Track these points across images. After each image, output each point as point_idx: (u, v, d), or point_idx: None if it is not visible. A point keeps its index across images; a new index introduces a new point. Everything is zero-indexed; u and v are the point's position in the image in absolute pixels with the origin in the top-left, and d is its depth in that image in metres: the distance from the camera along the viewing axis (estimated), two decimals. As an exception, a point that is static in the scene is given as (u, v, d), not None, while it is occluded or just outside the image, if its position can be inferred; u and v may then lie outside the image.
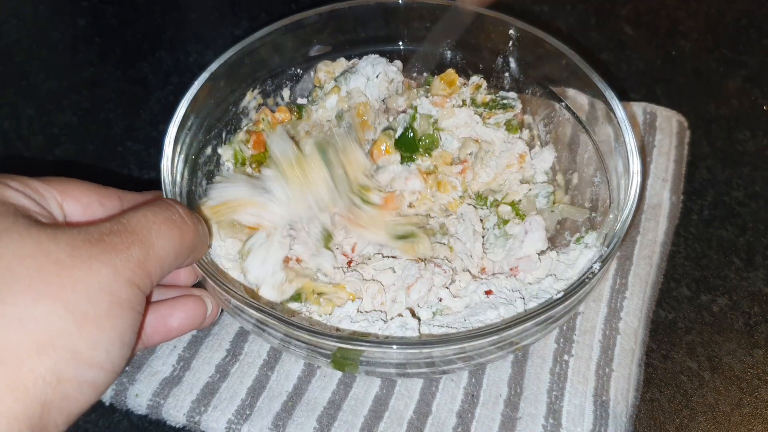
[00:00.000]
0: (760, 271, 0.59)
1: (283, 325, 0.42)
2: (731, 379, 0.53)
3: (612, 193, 0.51)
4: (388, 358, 0.44)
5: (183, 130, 0.52)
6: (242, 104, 0.59)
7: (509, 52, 0.59)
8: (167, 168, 0.49)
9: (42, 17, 0.83)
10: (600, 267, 0.45)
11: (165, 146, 0.50)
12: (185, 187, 0.51)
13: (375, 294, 0.50)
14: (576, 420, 0.48)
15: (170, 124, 0.51)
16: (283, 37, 0.59)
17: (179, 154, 0.51)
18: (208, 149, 0.56)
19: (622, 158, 0.50)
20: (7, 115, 0.72)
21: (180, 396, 0.49)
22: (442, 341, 0.43)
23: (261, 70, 0.60)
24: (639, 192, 0.48)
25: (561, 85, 0.56)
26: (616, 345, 0.52)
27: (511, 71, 0.60)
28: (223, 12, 0.84)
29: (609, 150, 0.52)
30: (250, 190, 0.51)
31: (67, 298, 0.33)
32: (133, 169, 0.67)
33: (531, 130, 0.60)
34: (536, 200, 0.56)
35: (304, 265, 0.51)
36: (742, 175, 0.66)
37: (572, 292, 0.44)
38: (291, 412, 0.49)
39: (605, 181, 0.53)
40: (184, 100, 0.52)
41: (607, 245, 0.46)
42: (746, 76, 0.75)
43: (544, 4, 0.83)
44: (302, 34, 0.60)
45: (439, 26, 0.60)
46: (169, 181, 0.49)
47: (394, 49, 0.63)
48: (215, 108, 0.56)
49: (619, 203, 0.49)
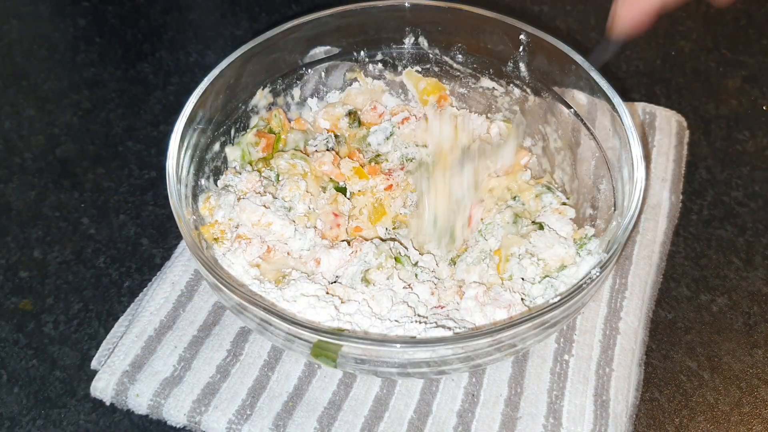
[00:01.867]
0: (759, 271, 0.59)
1: (263, 311, 0.43)
2: (731, 379, 0.53)
3: (617, 201, 0.51)
4: (368, 356, 0.44)
5: (191, 125, 0.52)
6: (252, 102, 0.59)
7: (519, 56, 0.58)
8: (173, 164, 0.49)
9: (42, 17, 0.83)
10: (599, 273, 0.45)
11: (171, 140, 0.50)
12: (191, 180, 0.52)
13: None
14: (576, 419, 0.49)
15: (179, 117, 0.51)
16: (296, 36, 0.59)
17: (186, 149, 0.51)
18: (216, 145, 0.56)
19: (628, 166, 0.49)
20: (8, 115, 0.72)
21: (181, 396, 0.49)
22: (426, 342, 0.43)
23: (273, 68, 0.59)
24: (642, 200, 0.47)
25: (567, 87, 0.56)
26: (616, 345, 0.52)
27: (519, 75, 0.59)
28: (223, 12, 0.84)
29: (615, 157, 0.52)
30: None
31: None
32: (133, 169, 0.67)
33: (545, 140, 0.60)
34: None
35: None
36: (741, 175, 0.66)
37: (569, 297, 0.44)
38: (291, 412, 0.49)
39: (611, 189, 0.53)
40: (193, 95, 0.52)
41: (608, 252, 0.46)
42: (746, 76, 0.75)
43: (544, 4, 0.83)
44: (314, 34, 0.60)
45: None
46: (173, 174, 0.49)
47: (401, 51, 0.63)
48: (225, 104, 0.56)
49: (623, 210, 0.49)
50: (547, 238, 0.52)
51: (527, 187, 0.57)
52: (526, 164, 0.59)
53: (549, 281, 0.51)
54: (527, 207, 0.56)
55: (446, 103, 0.63)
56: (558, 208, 0.55)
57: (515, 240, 0.53)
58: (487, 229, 0.55)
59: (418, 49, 0.62)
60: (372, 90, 0.65)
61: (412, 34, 0.62)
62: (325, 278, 0.52)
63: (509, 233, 0.54)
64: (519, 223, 0.54)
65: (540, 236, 0.53)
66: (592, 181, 0.55)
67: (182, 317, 0.54)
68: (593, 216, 0.54)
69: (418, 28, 0.61)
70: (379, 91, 0.65)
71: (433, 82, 0.64)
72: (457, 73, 0.63)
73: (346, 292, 0.50)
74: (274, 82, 0.60)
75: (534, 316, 0.43)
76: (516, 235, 0.54)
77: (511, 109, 0.61)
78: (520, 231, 0.54)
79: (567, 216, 0.55)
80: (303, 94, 0.63)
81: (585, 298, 0.46)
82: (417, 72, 0.64)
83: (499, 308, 0.48)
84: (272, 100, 0.61)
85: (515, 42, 0.57)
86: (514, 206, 0.56)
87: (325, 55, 0.62)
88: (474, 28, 0.59)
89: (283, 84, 0.61)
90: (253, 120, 0.60)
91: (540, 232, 0.53)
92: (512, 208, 0.55)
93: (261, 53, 0.57)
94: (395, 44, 0.62)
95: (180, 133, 0.51)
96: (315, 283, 0.50)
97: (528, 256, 0.52)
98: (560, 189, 0.58)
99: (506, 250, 0.52)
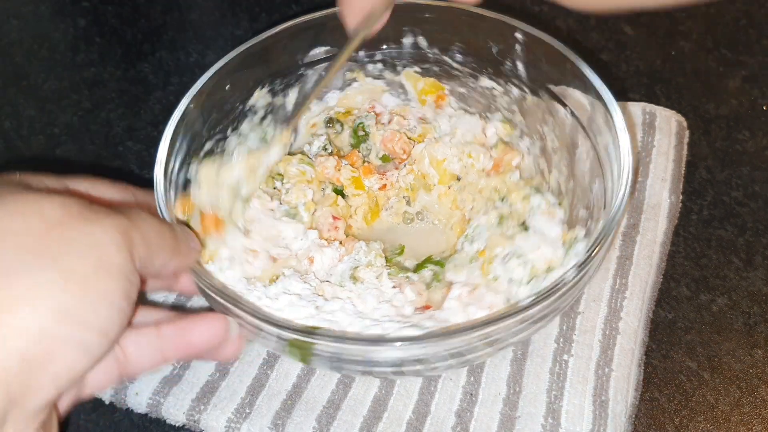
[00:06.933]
0: (759, 271, 0.59)
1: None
2: (731, 379, 0.53)
3: (607, 201, 0.50)
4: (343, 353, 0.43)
5: (184, 121, 0.51)
6: (249, 102, 0.59)
7: (517, 55, 0.58)
8: (163, 155, 0.49)
9: (42, 17, 0.83)
10: (575, 274, 0.43)
11: (164, 134, 0.50)
12: (182, 176, 0.51)
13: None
14: (575, 419, 0.49)
15: (173, 115, 0.51)
16: (295, 36, 0.59)
17: (178, 147, 0.51)
18: (208, 144, 0.56)
19: (618, 166, 0.48)
20: (8, 115, 0.72)
21: (180, 395, 0.49)
22: (388, 340, 0.42)
23: (271, 68, 0.59)
24: (625, 203, 0.46)
25: (564, 86, 0.56)
26: (615, 345, 0.52)
27: (517, 74, 0.59)
28: (223, 12, 0.84)
29: (607, 157, 0.51)
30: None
31: (55, 253, 0.33)
32: (133, 169, 0.67)
33: (543, 140, 0.60)
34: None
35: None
36: (741, 175, 0.66)
37: (542, 299, 0.42)
38: (290, 411, 0.49)
39: (603, 189, 0.51)
40: (190, 91, 0.52)
41: (586, 254, 0.44)
42: (746, 76, 0.75)
43: (543, 4, 0.83)
44: (314, 34, 0.60)
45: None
46: (161, 165, 0.49)
47: (401, 51, 0.63)
48: (221, 105, 0.56)
49: (610, 211, 0.47)
50: (532, 240, 0.52)
51: (516, 188, 0.57)
52: (517, 165, 0.59)
53: (536, 283, 0.50)
54: (515, 209, 0.56)
55: (444, 102, 0.63)
56: (547, 210, 0.55)
57: (500, 241, 0.52)
58: (474, 232, 0.54)
59: (417, 49, 0.62)
60: (372, 89, 0.65)
61: (411, 34, 0.62)
62: (317, 277, 0.52)
63: (494, 234, 0.53)
64: (504, 224, 0.54)
65: (525, 238, 0.52)
66: (587, 181, 0.54)
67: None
68: (586, 217, 0.54)
69: (416, 28, 0.61)
70: (379, 91, 0.65)
71: (431, 81, 0.63)
72: (457, 73, 0.63)
73: (333, 290, 0.50)
74: (272, 82, 0.60)
75: (487, 323, 0.41)
76: (501, 236, 0.53)
77: (510, 108, 0.61)
78: (506, 233, 0.53)
79: (556, 218, 0.54)
80: (300, 96, 0.63)
81: (560, 301, 0.44)
82: (416, 72, 0.64)
83: (482, 309, 0.48)
84: (270, 101, 0.60)
85: (513, 41, 0.57)
86: (501, 208, 0.55)
87: (325, 55, 0.62)
88: (472, 27, 0.59)
89: (281, 84, 0.61)
90: (248, 118, 0.59)
91: (525, 234, 0.53)
92: (498, 209, 0.55)
93: (259, 53, 0.57)
94: (394, 44, 0.62)
95: (170, 135, 0.50)
96: (305, 282, 0.50)
97: (514, 257, 0.51)
98: (554, 190, 0.58)
99: (490, 251, 0.52)
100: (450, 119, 0.62)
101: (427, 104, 0.64)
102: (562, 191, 0.58)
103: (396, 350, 0.42)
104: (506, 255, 0.51)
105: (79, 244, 0.34)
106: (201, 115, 0.54)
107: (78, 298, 0.33)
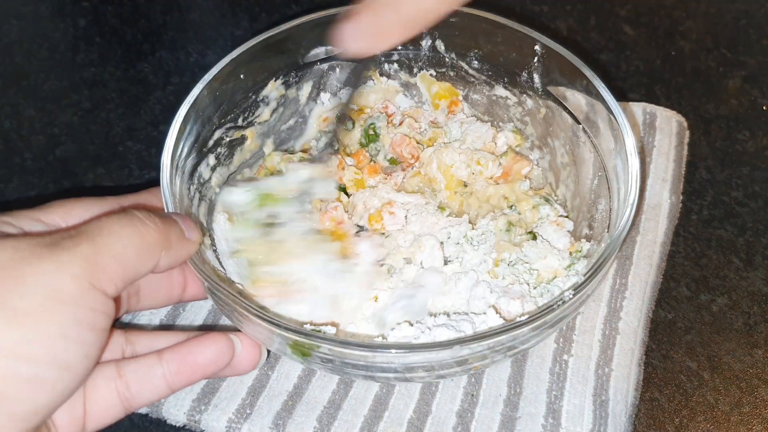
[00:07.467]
0: (759, 271, 0.59)
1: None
2: (731, 379, 0.53)
3: (612, 222, 0.49)
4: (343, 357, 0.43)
5: (195, 108, 0.51)
6: (263, 93, 0.59)
7: (534, 67, 0.57)
8: (170, 145, 0.48)
9: (42, 17, 0.83)
10: (572, 295, 0.42)
11: (174, 122, 0.49)
12: (190, 163, 0.51)
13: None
14: (575, 419, 0.49)
15: (184, 102, 0.50)
16: (314, 31, 0.58)
17: (188, 133, 0.51)
18: (218, 132, 0.56)
19: (624, 188, 0.48)
20: (8, 115, 0.72)
21: (180, 395, 0.49)
22: (385, 346, 0.42)
23: (288, 60, 0.59)
24: (629, 226, 0.45)
25: (578, 102, 0.55)
26: (615, 345, 0.52)
27: (532, 86, 0.58)
28: (223, 12, 0.84)
29: (615, 179, 0.50)
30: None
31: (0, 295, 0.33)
32: (133, 169, 0.67)
33: (552, 154, 0.59)
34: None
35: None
36: (741, 175, 0.66)
37: (537, 317, 0.42)
38: (291, 412, 0.49)
39: (608, 210, 0.51)
40: (205, 77, 0.52)
41: (585, 275, 0.44)
42: (746, 76, 0.75)
43: (544, 4, 0.83)
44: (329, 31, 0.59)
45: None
46: (168, 157, 0.48)
47: (418, 53, 0.62)
48: (233, 94, 0.56)
49: (612, 234, 0.46)
50: (539, 248, 0.52)
51: (525, 197, 0.57)
52: (527, 174, 0.59)
53: (546, 287, 0.50)
54: (523, 217, 0.56)
55: (457, 108, 0.63)
56: (556, 220, 0.55)
57: (507, 247, 0.52)
58: (481, 237, 0.54)
59: (434, 52, 0.62)
60: (386, 89, 0.65)
61: (429, 37, 0.61)
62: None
63: (501, 240, 0.53)
64: (512, 231, 0.54)
65: (532, 246, 0.52)
66: (593, 200, 0.54)
67: (182, 316, 0.54)
68: (589, 236, 0.53)
69: (435, 31, 0.60)
70: (393, 92, 0.65)
71: (446, 86, 0.63)
72: (472, 79, 0.62)
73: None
74: (287, 74, 0.60)
75: (489, 335, 0.41)
76: (508, 242, 0.53)
77: (522, 119, 0.61)
78: (513, 240, 0.53)
79: (564, 228, 0.54)
80: (316, 88, 0.62)
81: (556, 319, 0.44)
82: (431, 75, 0.63)
83: (513, 299, 0.48)
84: (284, 92, 0.60)
85: (531, 52, 0.56)
86: (509, 215, 0.55)
87: (337, 52, 0.61)
88: (492, 35, 0.58)
89: (296, 77, 0.60)
90: (260, 109, 0.59)
91: (533, 242, 0.53)
92: (507, 216, 0.55)
93: (277, 44, 0.56)
94: (412, 45, 0.62)
95: (182, 118, 0.50)
96: None
97: (520, 263, 0.51)
98: (561, 203, 0.58)
99: (497, 255, 0.52)
100: (461, 125, 0.62)
101: (440, 108, 0.64)
102: (568, 207, 0.57)
103: (393, 356, 0.42)
104: (512, 260, 0.52)
105: (27, 282, 0.34)
106: (213, 102, 0.53)
107: (21, 334, 0.33)
